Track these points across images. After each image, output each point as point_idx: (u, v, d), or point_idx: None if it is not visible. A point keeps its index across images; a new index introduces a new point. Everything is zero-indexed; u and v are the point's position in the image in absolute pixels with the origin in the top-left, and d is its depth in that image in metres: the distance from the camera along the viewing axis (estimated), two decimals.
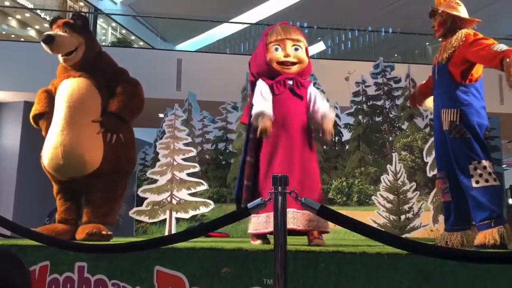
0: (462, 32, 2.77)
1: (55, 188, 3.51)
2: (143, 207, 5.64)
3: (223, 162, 6.74)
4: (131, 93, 3.46)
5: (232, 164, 6.61)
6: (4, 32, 12.30)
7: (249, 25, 17.30)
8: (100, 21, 14.09)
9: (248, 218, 3.02)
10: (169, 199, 5.58)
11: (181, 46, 16.77)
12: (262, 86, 3.20)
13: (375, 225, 4.92)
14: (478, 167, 2.57)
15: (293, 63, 3.25)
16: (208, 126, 6.91)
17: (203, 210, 5.58)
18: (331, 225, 2.93)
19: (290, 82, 3.21)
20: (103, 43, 13.54)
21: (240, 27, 17.73)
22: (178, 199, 5.57)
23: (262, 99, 3.11)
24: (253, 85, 3.43)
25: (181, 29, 14.91)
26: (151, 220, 5.68)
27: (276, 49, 3.25)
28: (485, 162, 2.59)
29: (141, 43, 15.49)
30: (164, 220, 5.59)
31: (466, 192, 2.65)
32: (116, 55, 3.85)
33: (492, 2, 13.28)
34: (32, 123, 3.59)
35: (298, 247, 2.32)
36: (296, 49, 3.28)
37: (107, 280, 2.42)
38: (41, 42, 3.34)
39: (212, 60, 9.60)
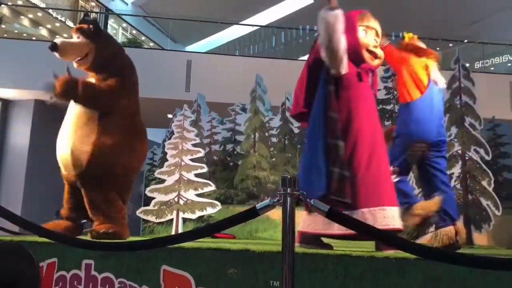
0: None
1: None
2: (150, 207, 5.66)
3: (231, 164, 6.74)
4: (104, 89, 3.21)
5: (239, 166, 6.61)
6: (16, 31, 12.43)
7: (259, 27, 17.33)
8: (111, 21, 14.19)
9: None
10: (176, 199, 5.59)
11: (191, 47, 16.85)
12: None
13: None
14: None
15: (377, 57, 2.90)
16: (216, 127, 6.94)
17: (210, 211, 5.59)
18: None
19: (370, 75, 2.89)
20: None
21: (250, 29, 17.76)
22: (185, 200, 5.58)
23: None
24: (310, 70, 2.97)
25: (191, 31, 14.97)
26: (158, 220, 5.69)
27: (365, 34, 2.89)
28: None
29: (151, 44, 15.57)
30: (171, 220, 5.61)
31: None
32: None
33: (498, 10, 13.19)
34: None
35: (305, 250, 2.31)
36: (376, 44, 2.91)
37: (114, 278, 2.43)
38: None
39: (222, 62, 9.63)
